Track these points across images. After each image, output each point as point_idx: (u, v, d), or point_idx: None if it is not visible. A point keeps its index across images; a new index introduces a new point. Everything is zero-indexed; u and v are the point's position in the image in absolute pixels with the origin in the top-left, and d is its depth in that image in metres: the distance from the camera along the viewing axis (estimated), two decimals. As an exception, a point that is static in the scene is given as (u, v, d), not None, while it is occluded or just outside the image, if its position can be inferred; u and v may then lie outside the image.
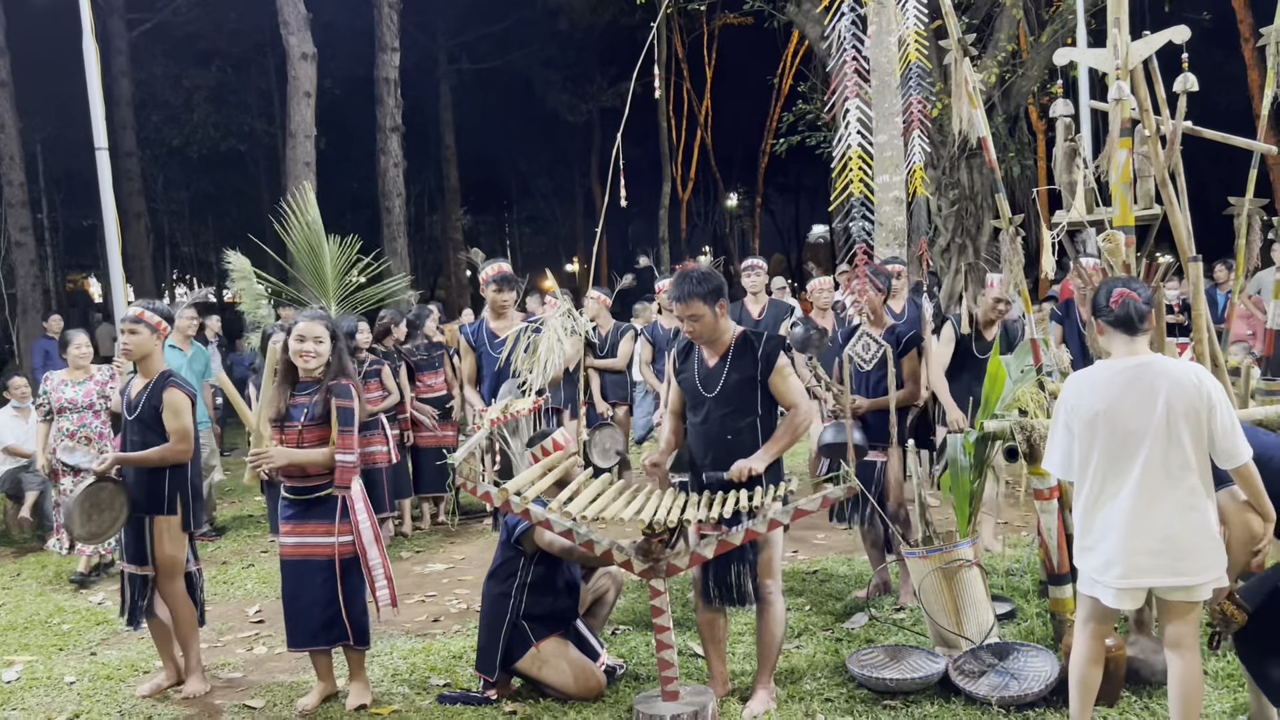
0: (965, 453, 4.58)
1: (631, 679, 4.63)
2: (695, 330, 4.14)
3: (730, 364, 4.15)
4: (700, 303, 4.08)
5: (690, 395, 4.26)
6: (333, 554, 4.44)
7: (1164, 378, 3.30)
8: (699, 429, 4.22)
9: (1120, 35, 4.48)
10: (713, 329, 4.14)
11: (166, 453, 4.66)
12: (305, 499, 4.47)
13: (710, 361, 4.20)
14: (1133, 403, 3.31)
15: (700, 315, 4.10)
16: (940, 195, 14.78)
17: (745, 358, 4.14)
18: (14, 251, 18.38)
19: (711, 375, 4.18)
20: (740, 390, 4.13)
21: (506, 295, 6.16)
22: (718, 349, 4.19)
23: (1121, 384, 3.35)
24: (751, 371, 4.12)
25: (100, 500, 4.65)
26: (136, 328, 4.73)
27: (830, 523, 6.22)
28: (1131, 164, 4.56)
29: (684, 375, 4.29)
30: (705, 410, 4.19)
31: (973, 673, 4.26)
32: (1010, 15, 14.36)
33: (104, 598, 6.63)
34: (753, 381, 4.12)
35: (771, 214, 40.17)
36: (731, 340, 4.18)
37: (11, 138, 17.75)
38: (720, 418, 4.15)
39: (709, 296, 4.09)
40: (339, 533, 4.45)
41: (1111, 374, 3.39)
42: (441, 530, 8.04)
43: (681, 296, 4.08)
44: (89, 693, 4.89)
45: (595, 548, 4.01)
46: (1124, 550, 3.28)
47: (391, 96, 18.45)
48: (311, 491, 4.46)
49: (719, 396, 4.15)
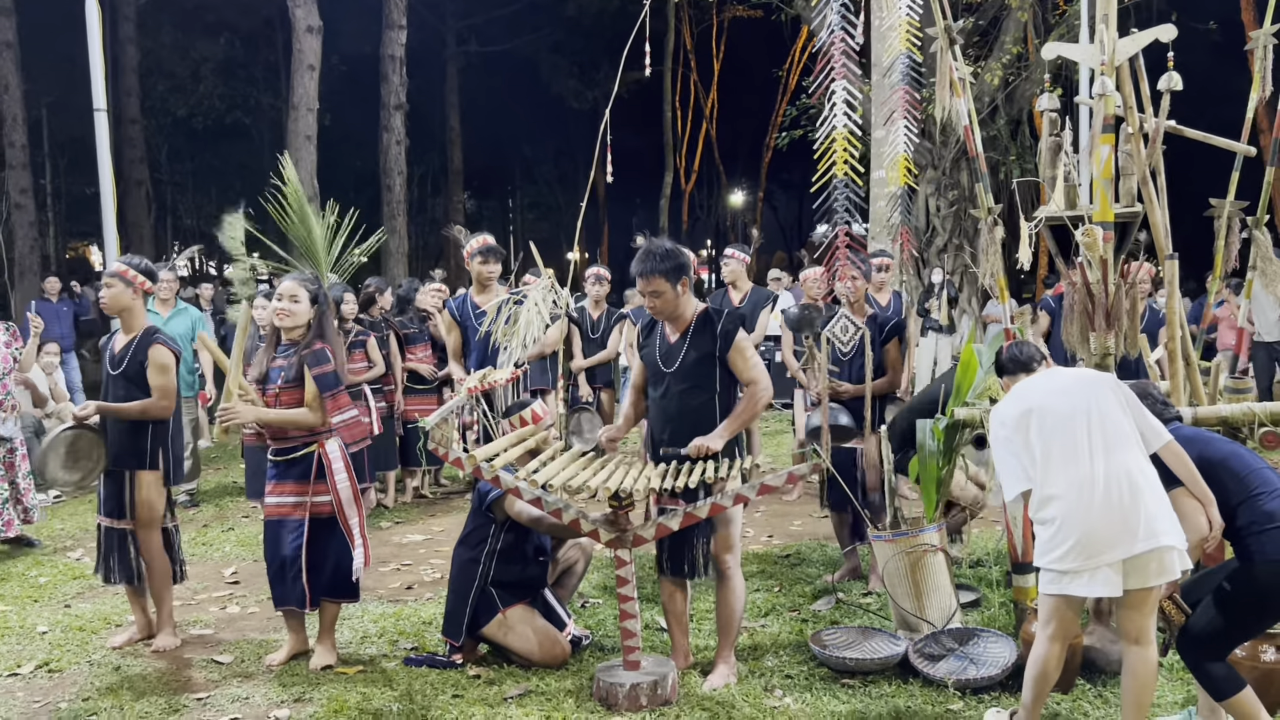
0: (935, 439, 4.62)
1: (597, 649, 4.67)
2: (656, 306, 4.18)
3: (690, 340, 4.19)
4: (662, 279, 4.12)
5: (651, 371, 4.31)
6: (302, 514, 4.49)
7: (1076, 371, 3.61)
8: (659, 404, 4.27)
9: (1108, 31, 4.51)
10: (674, 305, 4.18)
11: (149, 407, 4.70)
12: (285, 459, 4.53)
13: (671, 338, 4.24)
14: (1056, 391, 3.51)
15: (661, 291, 4.14)
16: (939, 196, 14.80)
17: (705, 334, 4.18)
18: (14, 214, 18.40)
19: (672, 351, 4.22)
20: (699, 367, 4.17)
21: (491, 267, 6.18)
22: (679, 326, 4.23)
23: (1040, 384, 3.60)
24: (710, 348, 4.15)
25: (79, 449, 4.69)
26: (112, 281, 4.78)
27: (822, 510, 6.25)
28: (1115, 160, 4.59)
29: (646, 350, 4.35)
30: (665, 386, 4.23)
31: (932, 656, 4.31)
32: (1017, 18, 14.37)
33: (82, 553, 6.68)
34: (711, 358, 4.16)
35: (774, 210, 40.19)
36: (693, 317, 4.22)
37: (15, 99, 17.75)
38: (679, 393, 4.19)
39: (671, 273, 4.12)
40: (313, 493, 4.50)
41: (1026, 386, 3.64)
42: (423, 503, 8.08)
43: (644, 272, 4.12)
44: (60, 642, 4.93)
45: (563, 516, 4.05)
46: (1087, 528, 3.31)
47: (397, 74, 18.46)
48: (290, 452, 4.52)
49: (678, 372, 4.19)
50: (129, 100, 21.26)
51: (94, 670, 4.57)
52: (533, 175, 37.46)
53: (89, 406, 4.68)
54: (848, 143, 4.27)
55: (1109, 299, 4.40)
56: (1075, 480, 3.36)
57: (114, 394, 4.76)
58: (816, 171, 4.57)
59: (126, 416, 4.71)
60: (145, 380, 4.72)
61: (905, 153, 4.89)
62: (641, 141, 25.72)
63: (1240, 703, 3.38)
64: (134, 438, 4.73)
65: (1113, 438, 3.37)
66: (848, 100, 4.28)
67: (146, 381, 4.72)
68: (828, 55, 4.24)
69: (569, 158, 35.67)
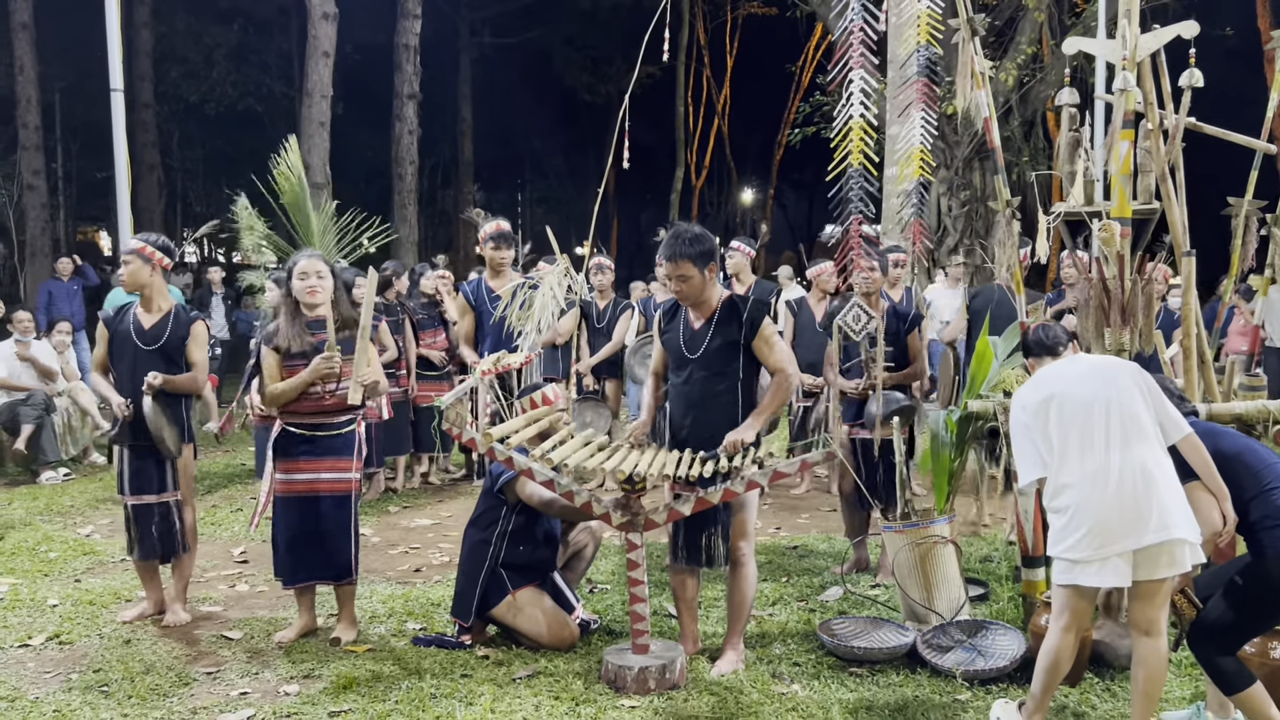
0: (947, 430, 4.62)
1: (605, 634, 4.68)
2: (683, 290, 4.17)
3: (715, 327, 4.18)
4: (690, 264, 4.11)
5: (674, 356, 4.30)
6: (350, 489, 4.56)
7: (1098, 358, 3.60)
8: (680, 390, 4.26)
9: (1130, 27, 4.50)
10: (700, 290, 4.17)
11: (190, 381, 4.84)
12: (323, 435, 4.54)
13: (696, 324, 4.23)
14: (1077, 380, 3.50)
15: (689, 276, 4.13)
16: (951, 196, 14.78)
17: (730, 322, 4.17)
18: (26, 195, 18.45)
19: (696, 337, 4.21)
20: (723, 353, 4.16)
21: (505, 253, 6.19)
22: (704, 312, 4.22)
23: (1062, 372, 3.58)
24: (736, 335, 4.15)
25: (166, 417, 4.74)
26: (130, 258, 4.83)
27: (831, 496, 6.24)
28: (1133, 157, 4.58)
29: (668, 336, 4.33)
30: (688, 372, 4.23)
31: (940, 647, 4.32)
32: (1033, 18, 14.34)
33: (92, 530, 6.71)
34: (736, 345, 4.15)
35: (784, 209, 40.09)
36: (718, 304, 4.22)
37: (30, 80, 17.81)
38: (702, 379, 4.19)
39: (699, 258, 4.12)
40: (355, 469, 4.58)
41: (1049, 372, 3.63)
42: (430, 489, 8.10)
43: (672, 256, 4.11)
44: (70, 615, 4.96)
45: (575, 498, 4.06)
46: (1101, 517, 3.31)
47: (410, 63, 18.48)
48: (334, 428, 4.56)
49: (702, 359, 4.18)
50: (142, 85, 21.29)
51: (104, 643, 4.59)
52: (543, 169, 37.41)
53: (158, 377, 4.69)
54: (864, 133, 4.26)
55: (1125, 295, 4.40)
56: (1090, 469, 3.36)
57: (149, 368, 4.75)
58: (828, 170, 4.55)
59: (181, 389, 4.80)
60: (183, 355, 4.82)
61: (922, 145, 4.88)
62: (653, 137, 25.69)
63: (1250, 698, 3.38)
64: (174, 411, 4.80)
65: (1130, 428, 3.36)
66: (865, 90, 4.28)
67: (185, 356, 4.83)
68: (846, 45, 4.24)
69: (579, 151, 35.61)
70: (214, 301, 12.81)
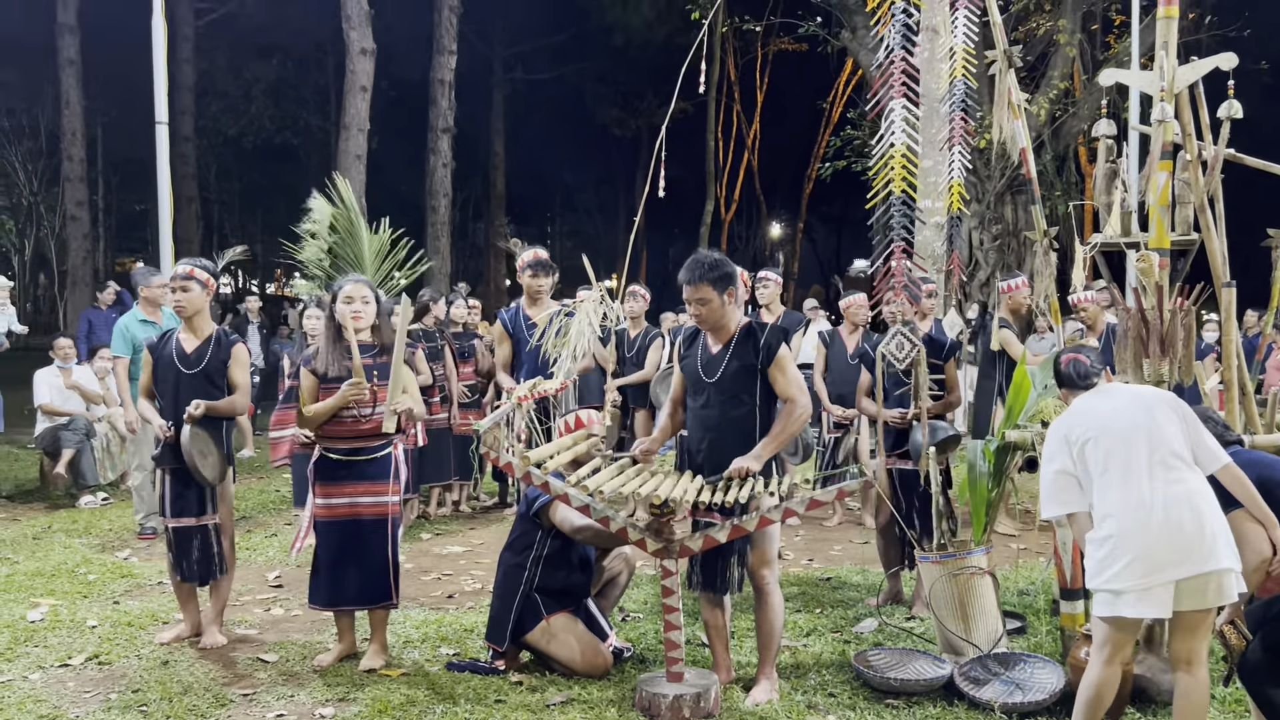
0: (985, 460, 4.60)
1: (638, 662, 4.67)
2: (702, 314, 4.19)
3: (733, 352, 4.20)
4: (710, 287, 4.14)
5: (692, 381, 4.32)
6: (387, 512, 4.59)
7: (1135, 389, 3.59)
8: (698, 414, 4.28)
9: (1167, 58, 4.52)
10: (719, 315, 4.19)
11: (235, 403, 4.91)
12: (361, 459, 4.59)
13: (714, 349, 4.26)
14: (1113, 412, 3.48)
15: (708, 299, 4.15)
16: (983, 230, 14.77)
17: (747, 347, 4.19)
18: (68, 226, 18.86)
19: (713, 362, 4.23)
20: (740, 378, 4.17)
21: (541, 281, 6.24)
22: (722, 337, 4.24)
23: (1098, 403, 3.57)
24: (752, 360, 4.16)
25: (206, 446, 4.79)
26: (189, 284, 4.89)
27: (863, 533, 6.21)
28: (1171, 188, 4.58)
29: (687, 361, 4.35)
30: (705, 396, 4.24)
31: (978, 679, 4.27)
32: (1065, 54, 14.37)
33: (130, 553, 6.78)
34: (753, 371, 4.17)
35: (813, 243, 40.17)
36: (736, 329, 4.24)
37: (75, 114, 18.24)
38: (720, 404, 4.20)
39: (719, 282, 4.15)
40: (392, 492, 4.60)
41: (1085, 404, 3.62)
42: (460, 516, 8.13)
43: (691, 279, 4.14)
44: (109, 636, 5.01)
45: (610, 524, 4.07)
46: (1143, 546, 3.28)
47: (445, 98, 18.76)
48: (371, 452, 4.61)
49: (719, 383, 4.20)
50: (183, 118, 21.72)
51: (142, 664, 4.63)
52: (573, 203, 37.77)
53: (201, 405, 4.74)
54: (906, 161, 4.29)
55: (1164, 325, 4.37)
56: (1131, 500, 3.33)
57: (191, 393, 4.82)
58: (863, 201, 4.58)
59: (223, 413, 4.87)
60: (225, 379, 4.89)
61: (959, 178, 4.90)
62: (682, 171, 25.85)
63: (1301, 732, 3.32)
64: (216, 435, 4.87)
65: (1170, 458, 3.34)
66: (906, 119, 4.31)
67: (226, 380, 4.90)
68: (887, 74, 4.27)
69: (609, 186, 35.94)
70: (249, 330, 12.97)
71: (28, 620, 5.25)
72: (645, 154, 31.78)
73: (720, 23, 20.26)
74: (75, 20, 18.60)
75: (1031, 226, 14.42)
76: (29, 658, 4.71)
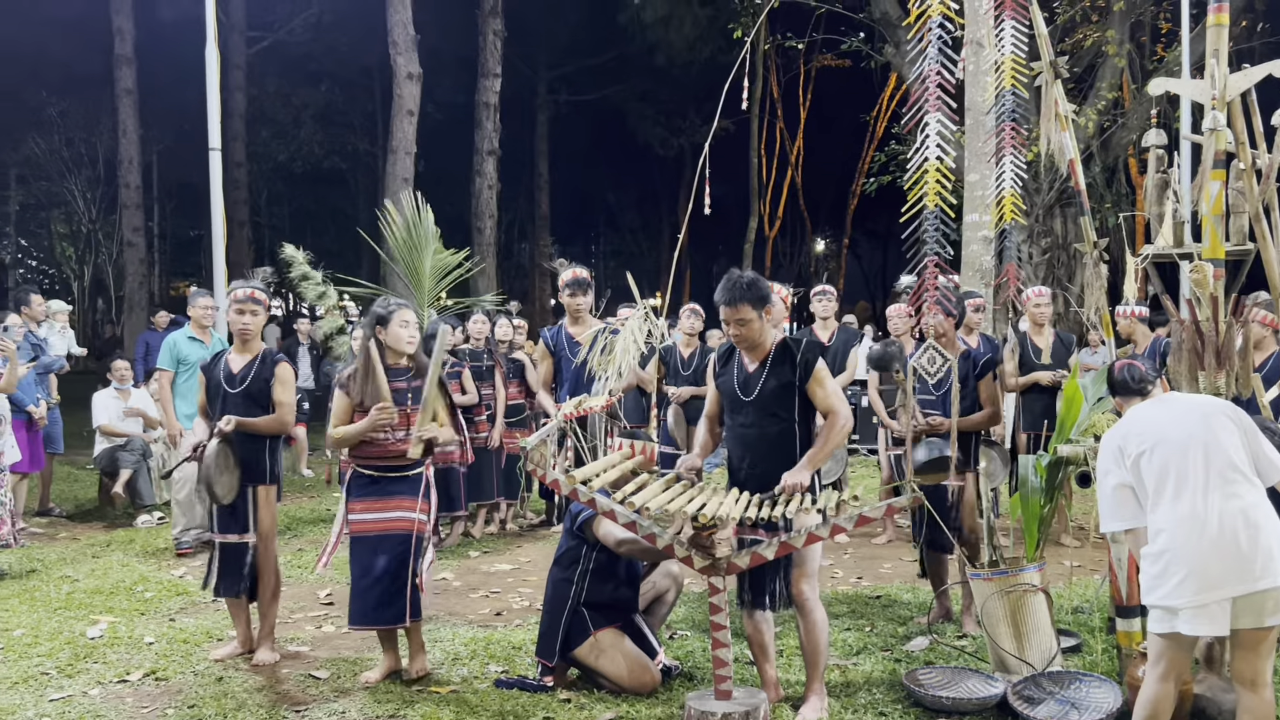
0: (1037, 475, 4.53)
1: (686, 680, 4.65)
2: (741, 335, 4.19)
3: (770, 369, 4.20)
4: (749, 307, 4.14)
5: (729, 399, 4.32)
6: (412, 529, 4.62)
7: (1192, 398, 3.52)
8: (736, 432, 4.28)
9: (1219, 66, 4.45)
10: (758, 334, 4.19)
11: (274, 422, 4.96)
12: (391, 476, 4.64)
13: (750, 366, 4.25)
14: (1169, 421, 3.40)
15: (748, 320, 4.15)
16: (1032, 243, 14.58)
17: (784, 363, 4.19)
18: (125, 251, 19.32)
19: (750, 380, 4.23)
20: (778, 395, 4.17)
21: (581, 299, 6.28)
22: (758, 355, 4.24)
23: (1154, 413, 3.49)
24: (790, 377, 4.16)
25: (226, 463, 4.86)
26: (256, 307, 5.00)
27: (914, 550, 6.14)
28: (1225, 197, 4.50)
29: (723, 379, 4.35)
30: (744, 415, 4.24)
31: (1032, 699, 4.19)
32: (1113, 64, 14.18)
33: (185, 571, 6.90)
34: (791, 387, 4.16)
35: (858, 259, 39.98)
36: (772, 347, 4.24)
37: (132, 142, 18.71)
38: (758, 421, 4.20)
39: (758, 302, 4.15)
40: (419, 509, 4.64)
41: (1140, 414, 3.54)
42: (506, 535, 8.17)
43: (731, 300, 4.14)
44: (165, 653, 5.09)
45: (657, 541, 4.07)
46: (1197, 562, 3.21)
47: (490, 121, 18.98)
48: (406, 469, 4.66)
49: (757, 401, 4.20)
50: (235, 145, 22.19)
51: (198, 680, 4.70)
52: (616, 222, 37.95)
53: (231, 421, 4.83)
54: (940, 175, 4.26)
55: (1219, 337, 4.29)
56: (1185, 513, 3.26)
57: (235, 411, 4.90)
58: (902, 219, 4.56)
59: (262, 431, 4.93)
60: (268, 397, 4.95)
61: (1013, 189, 4.86)
62: (725, 189, 25.91)
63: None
64: (256, 453, 4.93)
65: (1228, 470, 3.27)
66: (941, 133, 4.28)
67: (269, 399, 4.96)
68: (922, 89, 4.26)
69: (652, 205, 36.06)
70: (300, 352, 13.15)
71: (87, 637, 5.36)
72: (688, 172, 31.89)
73: (762, 40, 20.31)
74: (132, 52, 19.12)
75: (1080, 239, 14.24)
76: (89, 673, 4.81)
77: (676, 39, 24.50)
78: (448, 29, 23.18)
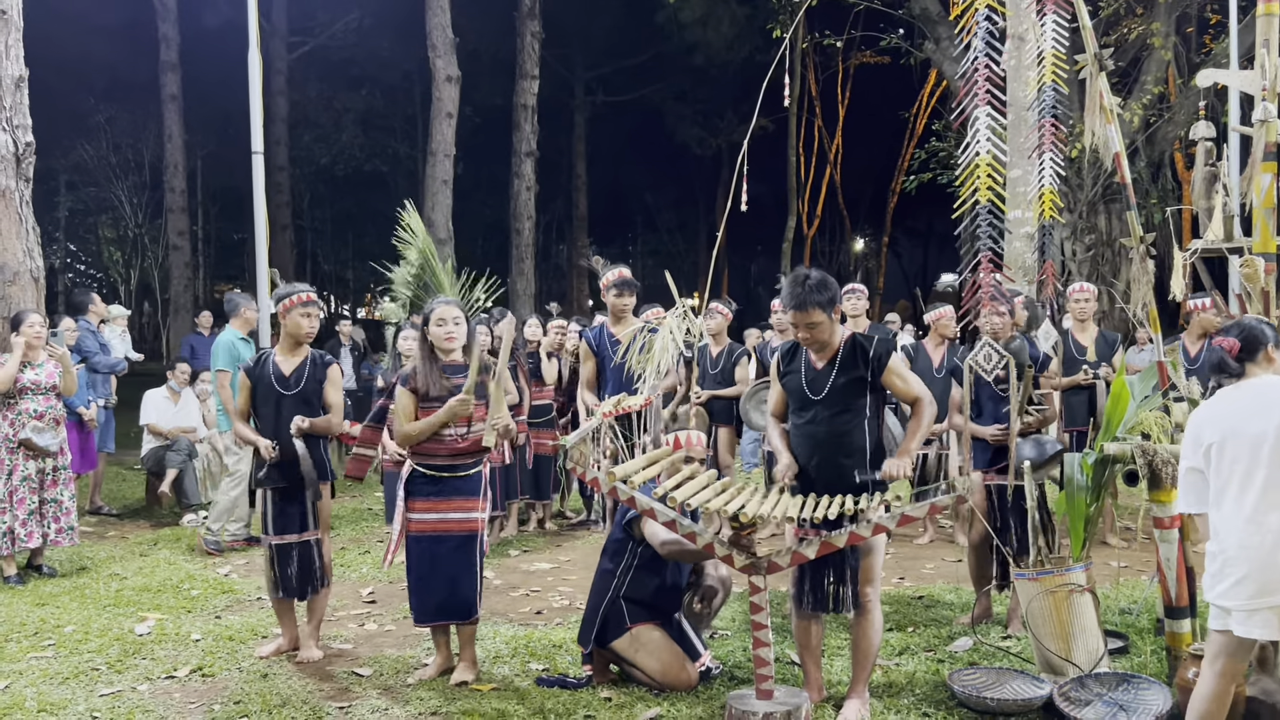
0: (1083, 474, 4.46)
1: (726, 679, 4.64)
2: (811, 337, 4.15)
3: (839, 366, 4.16)
4: (820, 310, 4.10)
5: (796, 398, 4.28)
6: (476, 528, 4.68)
7: (1260, 383, 3.33)
8: (805, 431, 4.24)
9: (1270, 56, 4.36)
10: (828, 335, 4.16)
11: (331, 422, 5.07)
12: (452, 476, 4.68)
13: (818, 364, 4.22)
14: (1248, 415, 3.28)
15: (818, 322, 4.11)
16: (1075, 240, 14.39)
17: (855, 360, 4.15)
18: (171, 255, 19.65)
19: (819, 378, 4.20)
20: (848, 392, 4.14)
21: (626, 300, 6.28)
22: (826, 353, 4.21)
23: (1236, 401, 3.35)
24: (862, 373, 4.13)
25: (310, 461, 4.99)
26: (316, 311, 5.10)
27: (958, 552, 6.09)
28: (1276, 190, 4.41)
29: (789, 378, 4.31)
30: (812, 413, 4.20)
31: (1079, 700, 4.13)
32: (1159, 57, 13.96)
33: (230, 570, 7.00)
34: (862, 383, 4.13)
35: (898, 257, 39.61)
36: (840, 344, 4.21)
37: (177, 147, 19.02)
38: (828, 419, 4.16)
39: (828, 304, 4.12)
40: (480, 509, 4.70)
41: (1227, 398, 3.40)
42: (546, 534, 8.19)
43: (802, 304, 4.09)
44: (212, 650, 5.17)
45: (698, 539, 4.06)
46: (1254, 565, 3.15)
47: (528, 123, 19.06)
48: (465, 469, 4.69)
49: (827, 399, 4.16)
50: (278, 149, 22.51)
51: (243, 676, 4.77)
52: (653, 223, 37.91)
53: (306, 421, 4.94)
54: (991, 170, 4.21)
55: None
56: (1243, 516, 3.20)
57: (291, 414, 4.98)
58: (949, 213, 4.50)
59: (321, 432, 5.04)
60: (321, 398, 5.05)
61: (1052, 186, 4.79)
62: (763, 188, 25.81)
63: None
64: (315, 451, 5.02)
65: None
66: (991, 127, 4.23)
67: (321, 399, 5.06)
68: (971, 82, 4.21)
69: (690, 204, 35.99)
70: (342, 353, 13.28)
71: (136, 634, 5.45)
72: (726, 172, 31.80)
73: (801, 38, 20.21)
74: (177, 58, 19.46)
75: (1126, 234, 14.04)
76: (137, 669, 4.89)
77: (714, 38, 24.44)
78: (486, 32, 23.33)
